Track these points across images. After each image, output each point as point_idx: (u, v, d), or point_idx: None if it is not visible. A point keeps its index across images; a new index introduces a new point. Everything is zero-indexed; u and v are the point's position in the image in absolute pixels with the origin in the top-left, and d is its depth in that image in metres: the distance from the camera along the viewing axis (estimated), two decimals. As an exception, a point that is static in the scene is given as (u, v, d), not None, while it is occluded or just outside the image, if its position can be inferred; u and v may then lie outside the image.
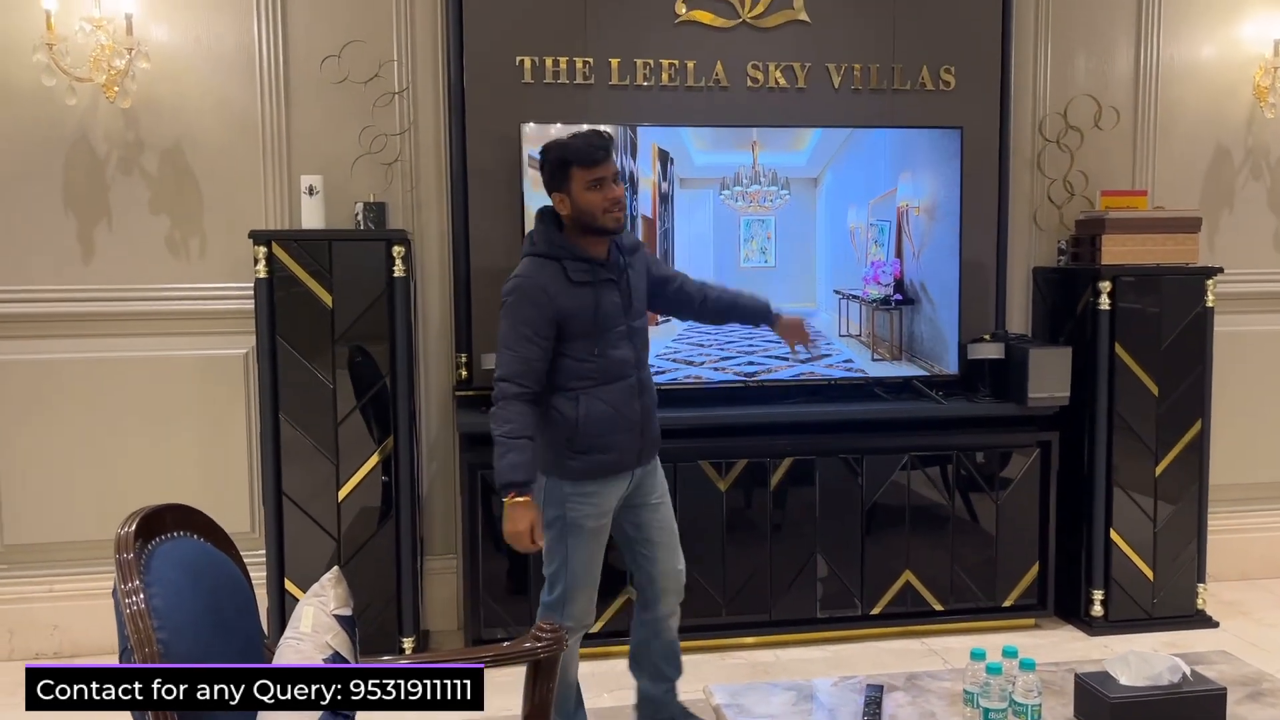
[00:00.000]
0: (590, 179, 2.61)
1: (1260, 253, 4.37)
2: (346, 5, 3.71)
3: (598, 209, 2.62)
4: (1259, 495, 4.47)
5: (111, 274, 3.67)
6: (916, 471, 3.83)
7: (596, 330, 2.67)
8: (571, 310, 2.65)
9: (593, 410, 2.69)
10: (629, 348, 2.74)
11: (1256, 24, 4.21)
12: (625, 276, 2.75)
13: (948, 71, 3.98)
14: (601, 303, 2.68)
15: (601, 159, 2.62)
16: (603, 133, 2.72)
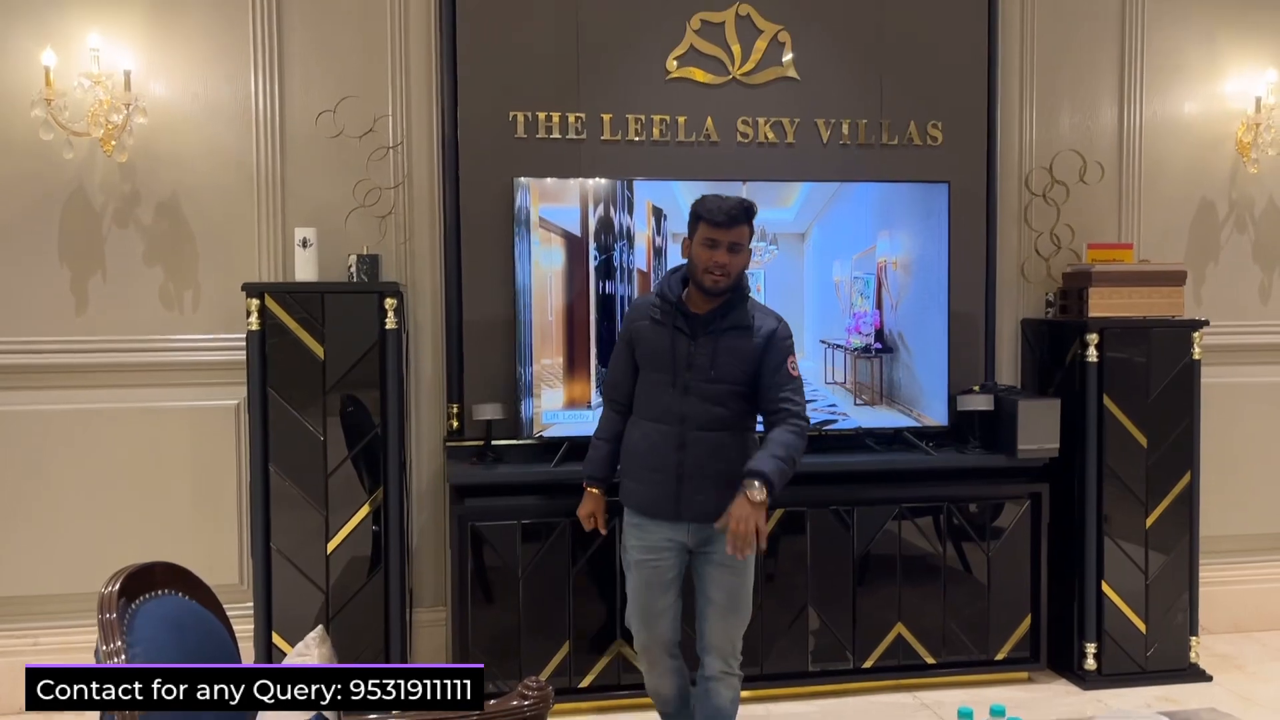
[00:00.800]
0: (707, 236, 2.75)
1: (1246, 305, 4.41)
2: (342, 61, 3.77)
3: (700, 265, 2.77)
4: (1250, 547, 4.46)
5: (104, 325, 3.69)
6: (907, 522, 3.83)
7: (653, 367, 2.87)
8: (643, 341, 2.89)
9: (633, 438, 2.92)
10: (679, 400, 2.81)
11: (1238, 81, 4.29)
12: (709, 340, 2.79)
13: (935, 127, 4.04)
14: (666, 346, 2.83)
15: (722, 222, 2.73)
16: (746, 204, 2.79)
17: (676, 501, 2.83)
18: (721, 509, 2.73)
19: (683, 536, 2.87)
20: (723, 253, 2.74)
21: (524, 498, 3.61)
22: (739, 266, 2.79)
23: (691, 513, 2.83)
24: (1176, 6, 4.28)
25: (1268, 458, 4.45)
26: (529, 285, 3.64)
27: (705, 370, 2.80)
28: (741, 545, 2.64)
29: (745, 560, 2.83)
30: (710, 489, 2.80)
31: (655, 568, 2.89)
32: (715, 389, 2.81)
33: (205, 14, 3.70)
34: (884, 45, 4.00)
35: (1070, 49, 4.22)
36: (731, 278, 2.77)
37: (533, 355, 3.65)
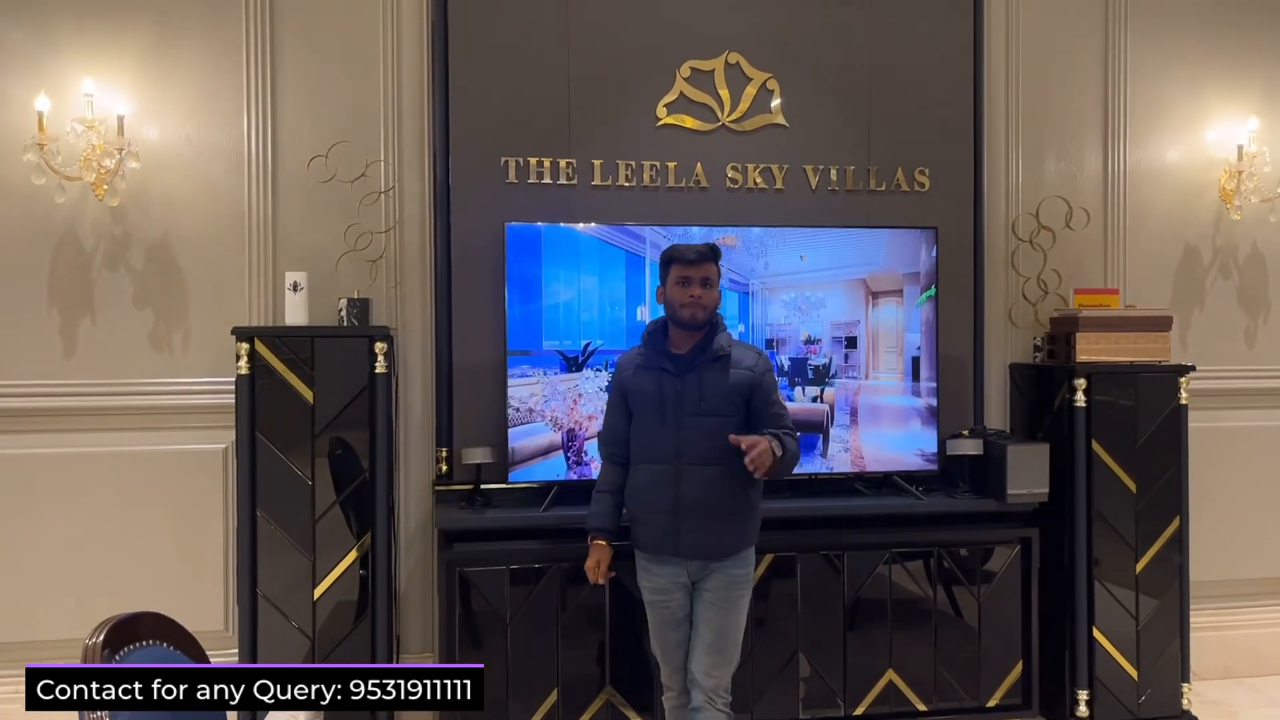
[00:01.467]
0: (680, 275, 2.96)
1: (1231, 350, 4.44)
2: (335, 106, 3.80)
3: (677, 302, 2.96)
4: (1241, 592, 4.46)
5: (92, 369, 3.68)
6: (898, 567, 3.81)
7: (647, 412, 3.00)
8: (633, 389, 3.04)
9: (633, 483, 3.05)
10: (672, 437, 2.95)
11: (1220, 129, 4.35)
12: (694, 375, 2.96)
13: (922, 173, 4.09)
14: (655, 389, 2.98)
15: (693, 260, 2.95)
16: (711, 245, 3.03)
17: (676, 538, 2.95)
18: (719, 545, 2.95)
19: (685, 576, 3.00)
20: (696, 287, 2.94)
21: (513, 542, 3.59)
22: (712, 300, 2.98)
23: (691, 549, 2.96)
24: (1159, 56, 4.35)
25: (1256, 502, 4.46)
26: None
27: (695, 403, 2.94)
28: (753, 453, 2.80)
29: (735, 602, 2.98)
30: (708, 525, 2.94)
31: (666, 607, 3.05)
32: (705, 421, 2.93)
33: (199, 59, 3.73)
34: (871, 93, 4.06)
35: (1055, 97, 4.28)
36: (708, 310, 2.97)
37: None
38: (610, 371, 3.60)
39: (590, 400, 3.67)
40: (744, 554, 3.03)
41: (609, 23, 3.89)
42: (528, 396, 3.64)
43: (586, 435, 3.68)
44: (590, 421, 3.66)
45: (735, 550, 3.00)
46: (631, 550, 3.11)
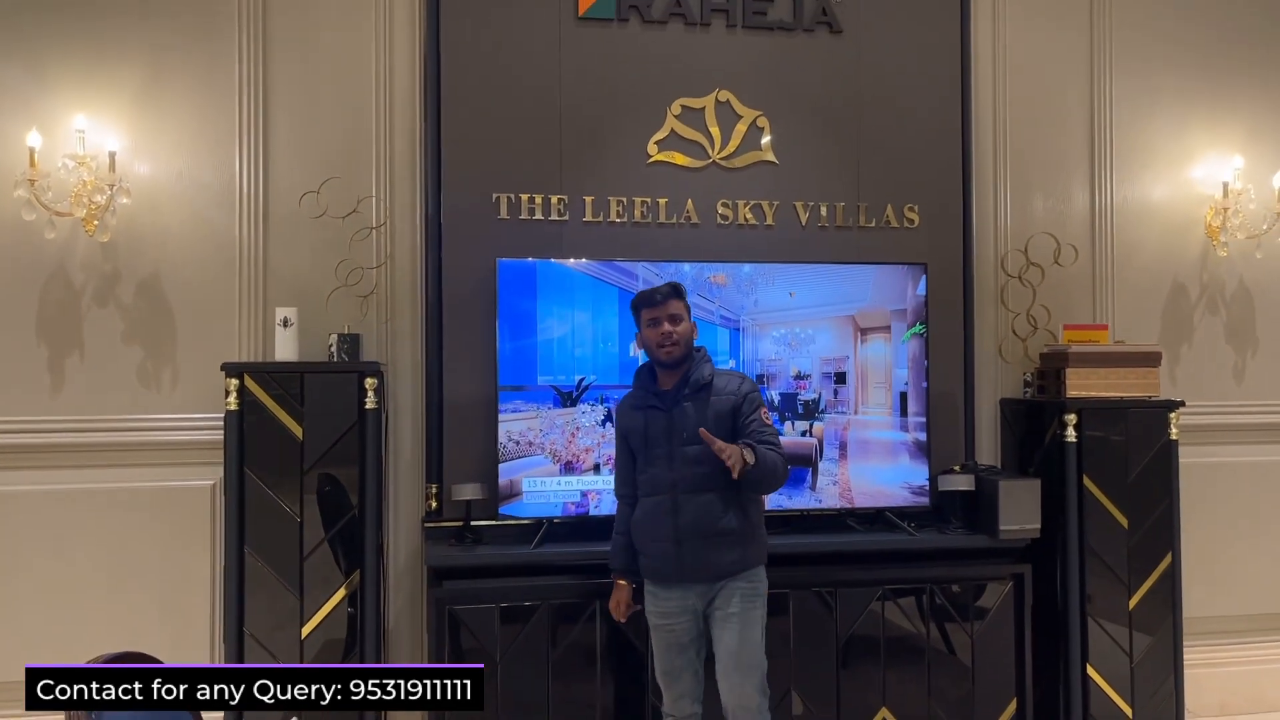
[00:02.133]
0: (649, 318, 3.09)
1: (1220, 385, 4.45)
2: (327, 142, 3.82)
3: (652, 343, 3.10)
4: (1234, 628, 4.44)
5: (80, 405, 3.66)
6: (890, 604, 3.79)
7: (642, 448, 3.12)
8: (627, 429, 3.19)
9: (637, 517, 3.15)
10: (667, 469, 3.06)
11: (1205, 166, 4.39)
12: (680, 408, 3.07)
13: (911, 210, 4.11)
14: (647, 426, 3.10)
15: (658, 301, 3.08)
16: (673, 284, 3.15)
17: (678, 564, 3.05)
18: (720, 567, 3.04)
19: (692, 600, 3.08)
20: (665, 325, 3.07)
21: (503, 580, 3.56)
22: (684, 334, 3.09)
23: (693, 573, 3.05)
24: (1143, 95, 4.40)
25: (1248, 538, 4.46)
26: (510, 365, 3.65)
27: (682, 434, 3.04)
28: (720, 445, 2.91)
29: (749, 613, 3.05)
30: (708, 549, 3.03)
31: (671, 631, 3.12)
32: (696, 450, 3.01)
33: (192, 95, 3.75)
34: (861, 130, 4.09)
35: (1042, 134, 4.32)
36: (681, 346, 3.08)
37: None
38: (607, 406, 3.65)
39: (587, 433, 3.67)
40: (751, 572, 3.09)
41: (600, 60, 3.93)
42: (526, 430, 3.62)
43: (584, 467, 3.67)
44: (587, 454, 3.65)
45: (740, 569, 3.06)
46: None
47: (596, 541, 3.60)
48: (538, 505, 3.65)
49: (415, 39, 3.88)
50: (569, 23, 3.91)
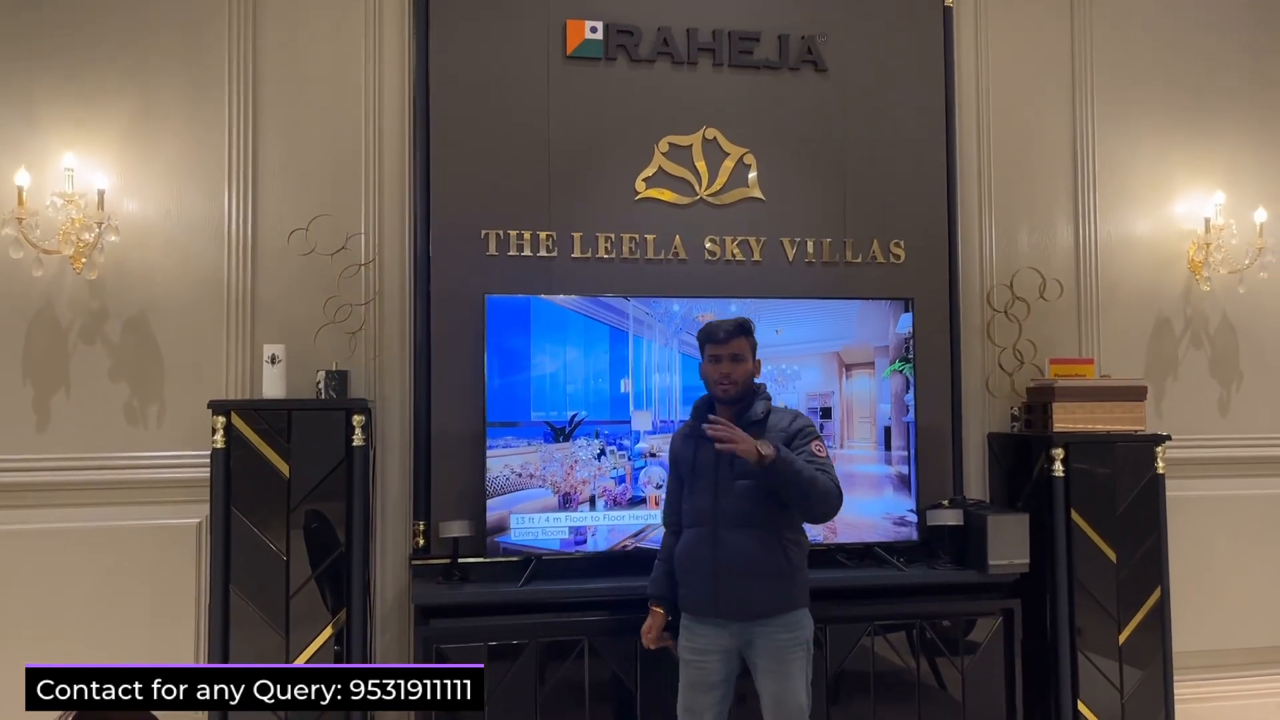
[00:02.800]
0: (711, 354, 3.07)
1: (1206, 419, 4.48)
2: (316, 180, 3.83)
3: (711, 379, 3.08)
4: (1225, 663, 4.43)
5: (66, 443, 3.64)
6: (880, 639, 3.77)
7: (690, 478, 3.10)
8: (679, 457, 3.17)
9: (680, 547, 3.11)
10: (710, 501, 3.02)
11: (1187, 202, 4.45)
12: None
13: (897, 245, 4.14)
14: (696, 456, 3.07)
15: (721, 338, 3.05)
16: (741, 320, 3.10)
17: (715, 599, 3.00)
18: (757, 607, 2.97)
19: (726, 640, 3.02)
20: (726, 364, 3.04)
21: (491, 618, 3.54)
22: (743, 374, 3.05)
23: (729, 610, 2.99)
24: (1125, 131, 4.46)
25: (1236, 572, 4.46)
26: (498, 401, 3.65)
27: (730, 466, 2.98)
28: (721, 431, 2.86)
29: (788, 666, 2.98)
30: (745, 586, 2.97)
31: (700, 669, 3.04)
32: (741, 484, 2.98)
33: (181, 133, 3.77)
34: (847, 166, 4.13)
35: (1026, 170, 4.37)
36: (739, 385, 3.05)
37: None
38: (603, 441, 3.67)
39: (584, 466, 3.68)
40: (789, 616, 3.00)
41: (588, 98, 3.96)
42: (526, 463, 3.63)
43: (580, 499, 3.67)
44: (584, 486, 3.67)
45: (776, 612, 2.99)
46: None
47: (585, 579, 3.60)
48: (529, 540, 3.63)
49: (404, 77, 3.91)
50: (557, 61, 3.94)
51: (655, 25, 4.01)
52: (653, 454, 3.72)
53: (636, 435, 3.72)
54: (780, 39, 4.10)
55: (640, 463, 3.72)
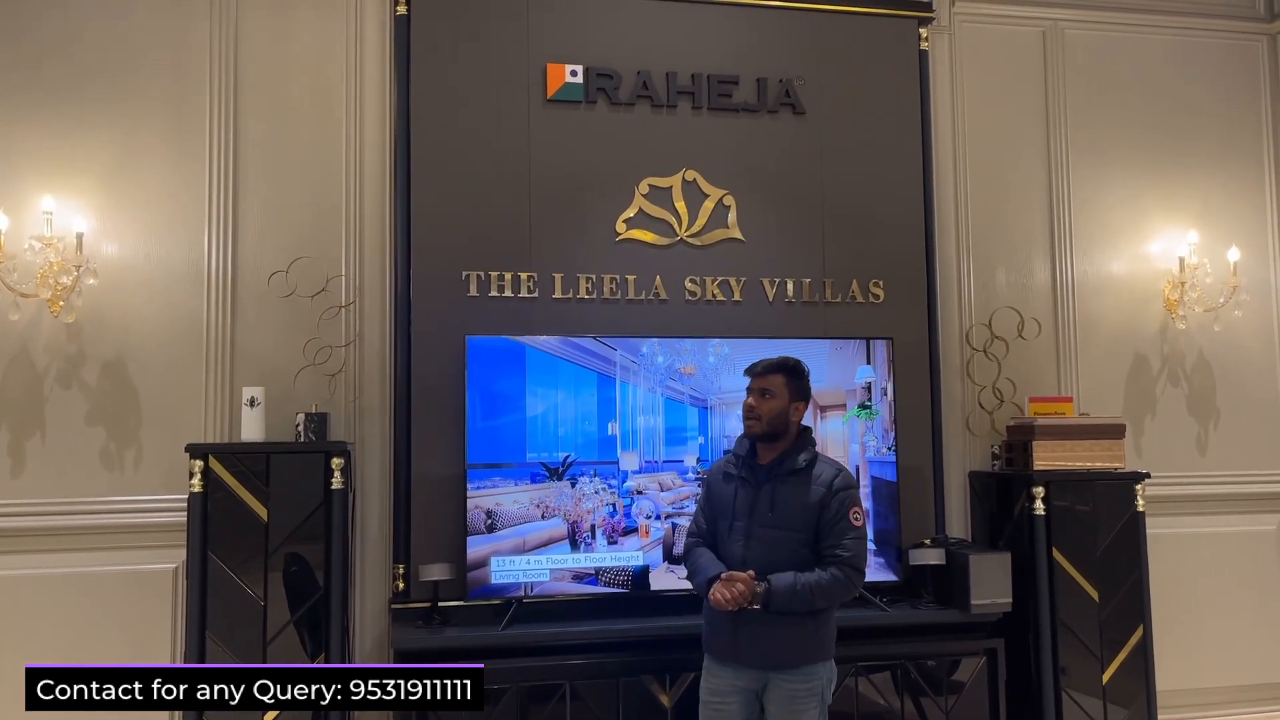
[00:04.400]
0: (747, 388, 3.05)
1: (1184, 457, 4.50)
2: (296, 222, 3.84)
3: (742, 412, 3.04)
4: (1209, 700, 4.43)
5: (41, 488, 3.61)
6: (864, 680, 3.75)
7: (721, 517, 3.05)
8: (714, 494, 3.10)
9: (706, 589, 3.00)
10: (741, 547, 2.96)
11: (1162, 242, 4.50)
12: (770, 487, 2.98)
13: (876, 285, 4.17)
14: (731, 496, 3.03)
15: (757, 371, 3.04)
16: (783, 359, 3.07)
17: (734, 645, 2.94)
18: (777, 658, 2.91)
19: (745, 682, 2.97)
20: (754, 397, 3.02)
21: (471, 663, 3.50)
22: (769, 410, 2.99)
23: (749, 657, 2.94)
24: (1100, 171, 4.52)
25: (1218, 609, 4.47)
26: (479, 443, 3.64)
27: (765, 514, 2.96)
28: (722, 600, 2.85)
29: (801, 714, 2.92)
30: (768, 637, 2.91)
31: (718, 710, 3.00)
32: (775, 534, 2.94)
33: (161, 176, 3.77)
34: (825, 208, 4.16)
35: (1003, 212, 4.42)
36: (764, 421, 2.99)
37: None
38: (602, 479, 3.68)
39: (589, 499, 3.70)
40: (807, 669, 2.94)
41: (569, 141, 3.99)
42: (542, 498, 3.66)
43: (586, 526, 3.68)
44: (589, 515, 3.68)
45: (795, 664, 2.92)
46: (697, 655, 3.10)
47: (567, 621, 3.57)
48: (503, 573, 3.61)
49: (385, 119, 3.93)
50: (538, 105, 3.98)
51: (635, 69, 4.05)
52: (640, 491, 3.72)
53: (624, 475, 3.72)
54: (759, 82, 4.15)
55: (628, 500, 3.72)
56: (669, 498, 3.77)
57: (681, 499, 3.76)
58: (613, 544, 3.71)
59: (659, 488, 3.77)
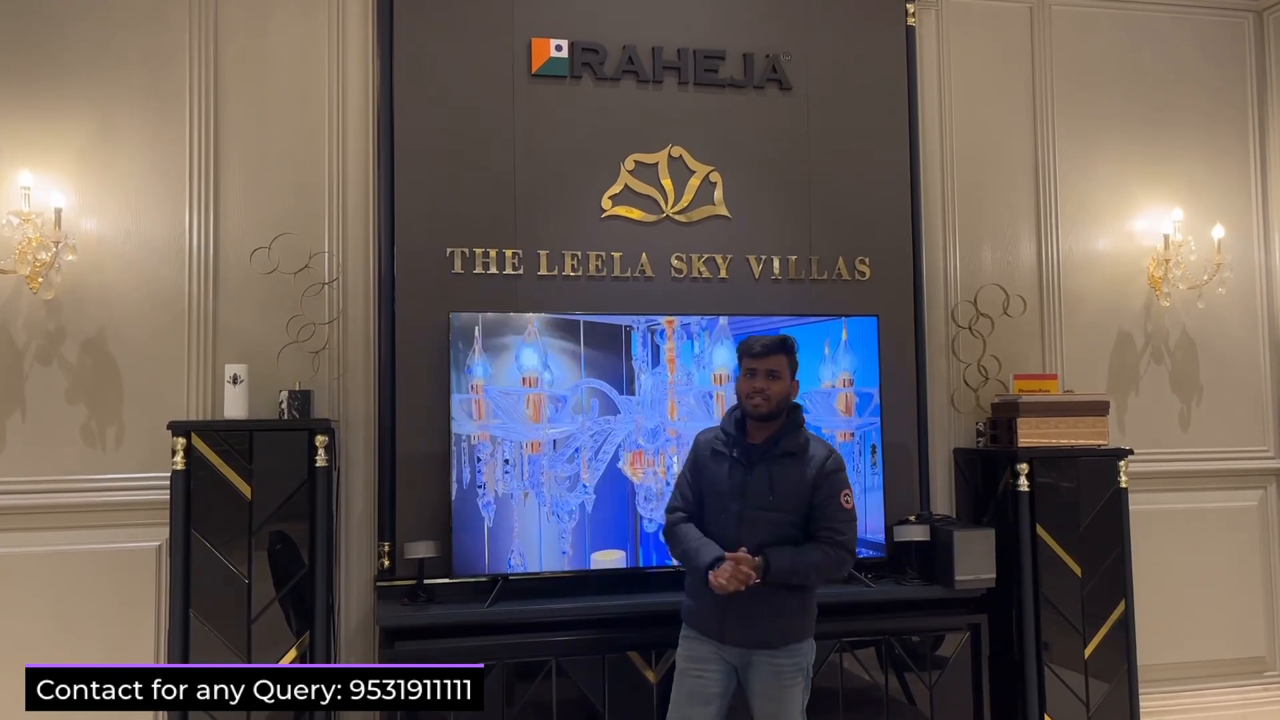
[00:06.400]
0: (747, 368, 2.99)
1: (1167, 433, 4.53)
2: (278, 198, 3.80)
3: (743, 393, 2.99)
4: (1188, 675, 4.48)
5: (22, 466, 3.57)
6: (849, 655, 3.77)
7: (714, 495, 3.00)
8: (702, 470, 3.05)
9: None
10: (734, 527, 2.93)
11: (1146, 219, 4.51)
12: (764, 468, 2.94)
13: (863, 262, 4.16)
14: (724, 476, 2.98)
15: (759, 353, 2.97)
16: (782, 338, 3.03)
17: (720, 627, 2.94)
18: (763, 638, 2.92)
19: (728, 656, 2.98)
20: (760, 379, 2.96)
21: (457, 640, 3.49)
22: (778, 392, 2.96)
23: (735, 638, 2.94)
24: (1086, 151, 4.52)
25: (1199, 584, 4.51)
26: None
27: (763, 496, 2.93)
28: (723, 583, 2.83)
29: (784, 693, 2.93)
30: (755, 619, 2.91)
31: (699, 678, 2.98)
32: (770, 516, 2.93)
33: (141, 152, 3.72)
34: (812, 184, 4.15)
35: (989, 188, 4.41)
36: (772, 402, 2.96)
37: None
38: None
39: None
40: (793, 646, 2.96)
41: (554, 117, 3.96)
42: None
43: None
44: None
45: (780, 644, 2.94)
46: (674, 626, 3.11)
47: (552, 598, 3.57)
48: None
49: (368, 94, 3.89)
50: (522, 80, 3.94)
51: (620, 44, 4.02)
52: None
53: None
54: (745, 58, 4.12)
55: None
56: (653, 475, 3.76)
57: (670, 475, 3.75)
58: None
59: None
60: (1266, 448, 4.65)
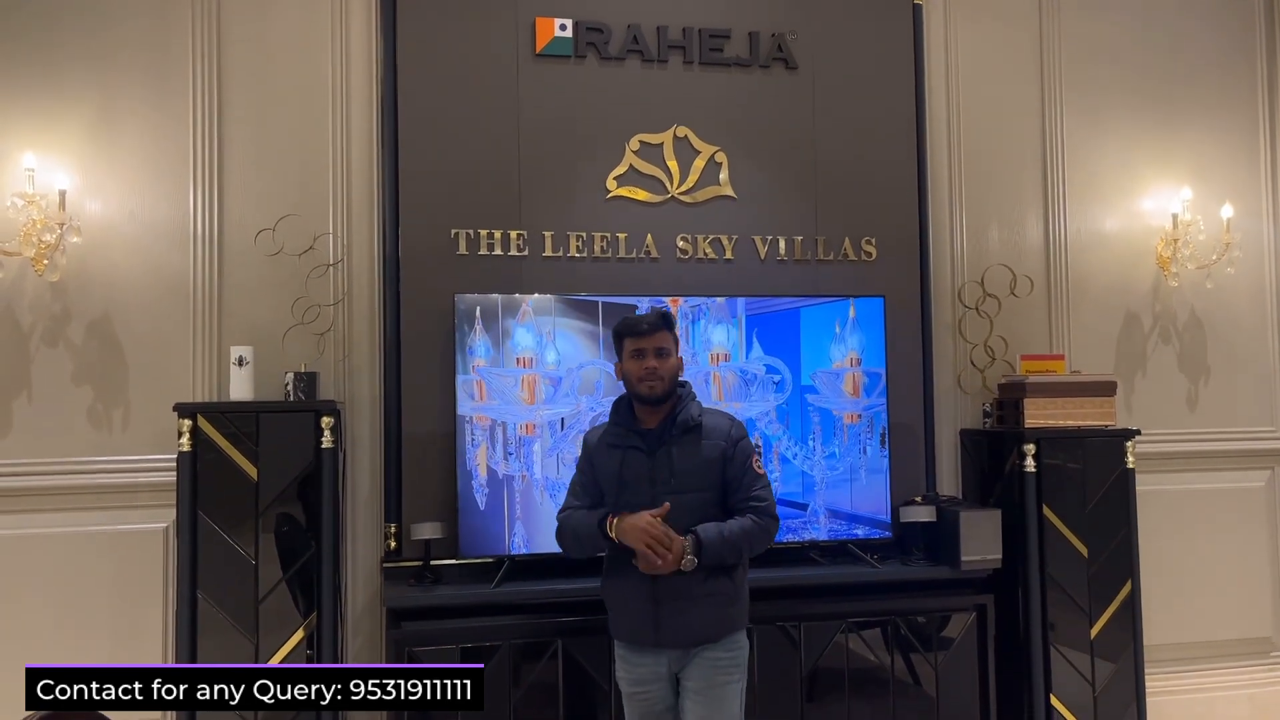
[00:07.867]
0: (634, 348, 2.85)
1: (1174, 414, 4.51)
2: (283, 179, 3.79)
3: (634, 376, 2.84)
4: (1194, 655, 4.47)
5: (28, 448, 3.58)
6: (855, 636, 3.78)
7: (615, 491, 2.83)
8: (600, 467, 2.89)
9: (610, 567, 2.88)
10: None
11: (1155, 198, 4.48)
12: (664, 450, 2.82)
13: (869, 243, 4.14)
14: (623, 468, 2.83)
15: (645, 331, 2.84)
16: (663, 312, 2.92)
17: (656, 628, 2.79)
18: (702, 632, 2.78)
19: (665, 667, 2.84)
20: (651, 359, 2.83)
21: (463, 620, 3.50)
22: (670, 370, 2.85)
23: (671, 638, 2.79)
24: (1094, 129, 4.48)
25: (1206, 565, 4.50)
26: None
27: (667, 480, 2.80)
28: (654, 562, 2.69)
29: (721, 689, 2.80)
30: (689, 611, 2.77)
31: (645, 699, 2.87)
32: (685, 498, 2.78)
33: (145, 133, 3.71)
34: (818, 165, 4.13)
35: (996, 168, 4.38)
36: (666, 382, 2.84)
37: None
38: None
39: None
40: (731, 638, 2.84)
41: (558, 97, 3.94)
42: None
43: None
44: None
45: (719, 635, 2.81)
46: (600, 632, 3.02)
47: (558, 579, 3.57)
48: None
49: (372, 75, 3.87)
50: (526, 60, 3.92)
51: (625, 23, 3.99)
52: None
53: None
54: (751, 36, 4.09)
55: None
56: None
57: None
58: (604, 502, 3.70)
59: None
60: (1274, 428, 4.63)
